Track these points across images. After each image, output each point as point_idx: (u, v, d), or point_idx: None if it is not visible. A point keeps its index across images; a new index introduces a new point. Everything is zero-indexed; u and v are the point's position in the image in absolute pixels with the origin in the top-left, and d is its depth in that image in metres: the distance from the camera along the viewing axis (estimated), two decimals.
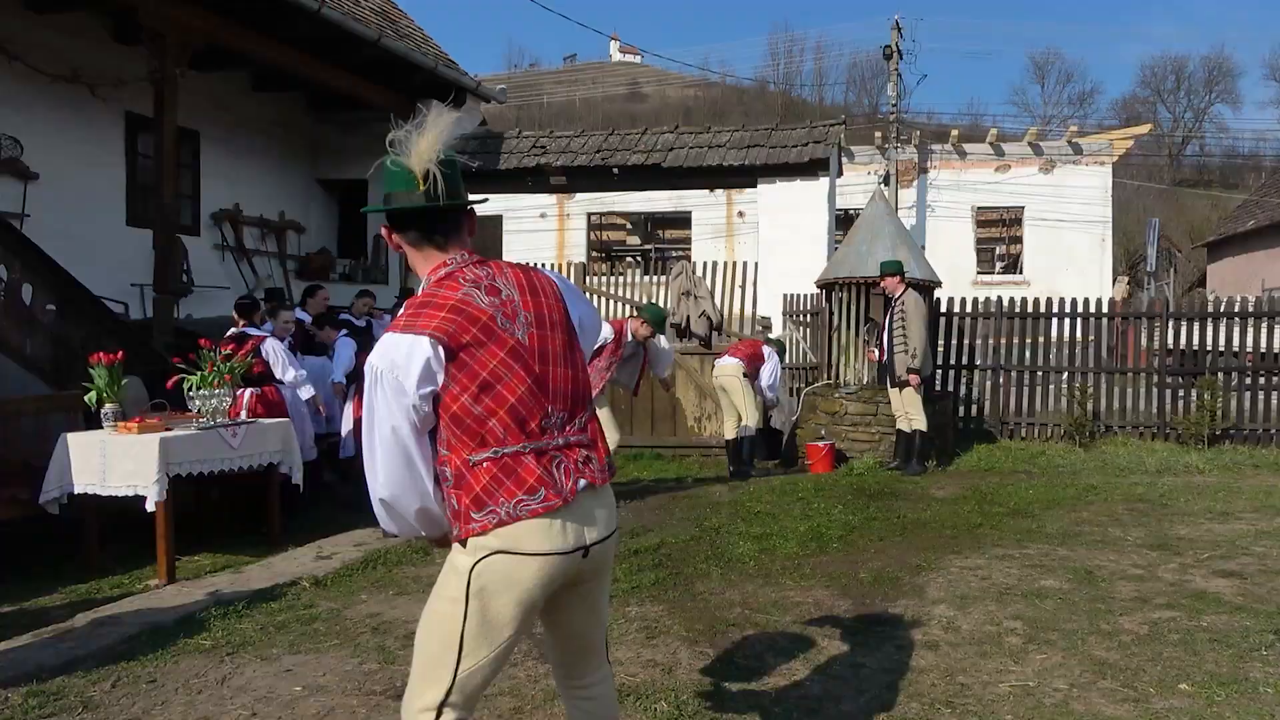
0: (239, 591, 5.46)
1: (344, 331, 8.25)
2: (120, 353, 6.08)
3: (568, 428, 2.30)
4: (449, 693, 2.24)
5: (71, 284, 7.23)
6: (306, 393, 7.47)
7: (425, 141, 2.22)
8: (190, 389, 6.17)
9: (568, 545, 2.24)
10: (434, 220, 2.29)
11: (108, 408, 5.95)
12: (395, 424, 2.17)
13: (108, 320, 7.56)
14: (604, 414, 7.62)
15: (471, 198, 2.39)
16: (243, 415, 6.80)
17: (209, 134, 11.01)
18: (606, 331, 7.61)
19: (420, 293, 2.29)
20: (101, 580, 5.73)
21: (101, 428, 5.94)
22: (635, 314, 8.75)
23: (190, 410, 6.25)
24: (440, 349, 2.15)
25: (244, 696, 3.97)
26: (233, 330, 7.35)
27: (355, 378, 8.33)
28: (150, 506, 5.60)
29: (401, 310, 2.27)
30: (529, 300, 2.31)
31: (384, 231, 2.36)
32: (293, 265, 12.44)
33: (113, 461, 5.67)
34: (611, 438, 7.73)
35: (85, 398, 6.05)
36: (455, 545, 2.26)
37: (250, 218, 11.68)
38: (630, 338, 7.87)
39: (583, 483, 2.26)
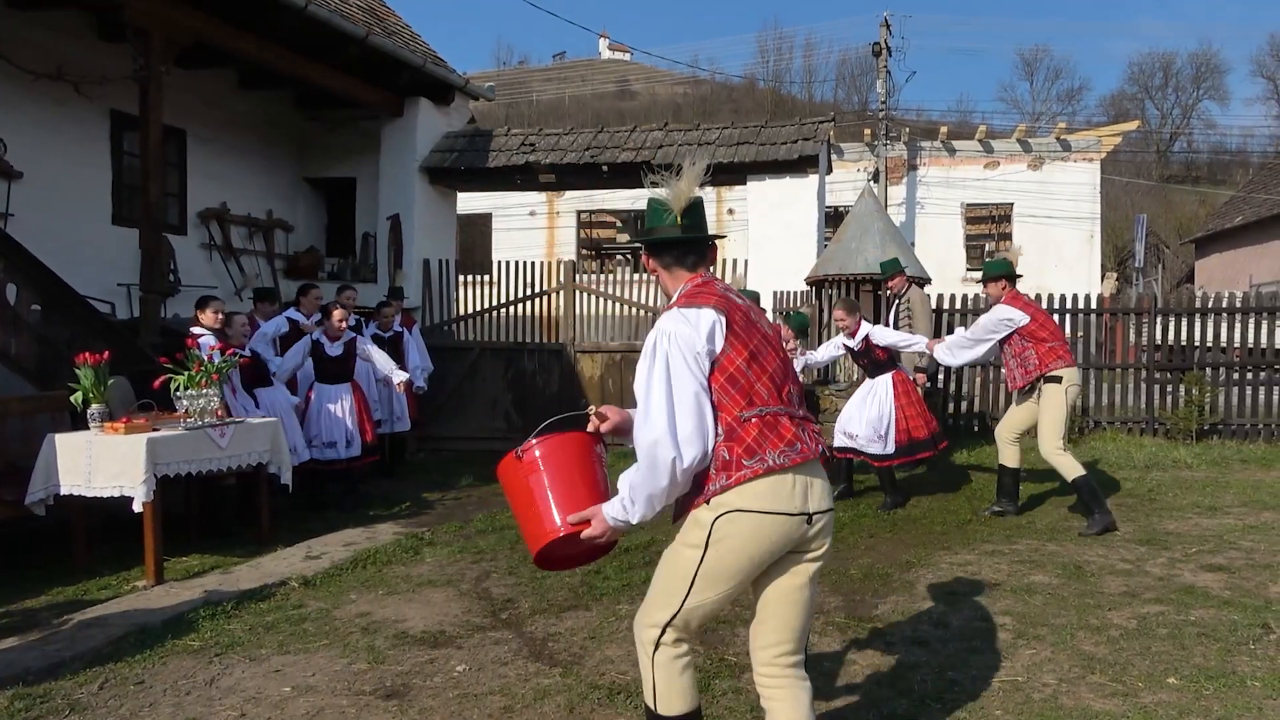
0: (227, 592, 5.45)
1: (317, 333, 8.13)
2: (106, 353, 6.04)
3: (802, 407, 2.73)
4: (674, 617, 2.63)
5: (57, 283, 7.18)
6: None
7: (682, 186, 2.73)
8: (177, 389, 6.13)
9: (794, 508, 2.57)
10: (686, 249, 2.77)
11: (94, 408, 5.91)
12: (688, 388, 2.53)
13: (94, 320, 7.51)
14: None
15: (706, 230, 2.85)
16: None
17: (195, 132, 10.95)
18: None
19: (681, 296, 2.71)
20: (88, 582, 5.70)
21: (88, 428, 5.90)
22: (780, 321, 8.70)
23: (177, 410, 6.21)
24: (723, 317, 2.59)
25: (233, 697, 3.96)
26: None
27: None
28: (137, 507, 5.57)
29: (674, 300, 2.71)
30: (759, 312, 2.82)
31: (643, 258, 2.86)
32: (281, 264, 12.38)
33: (99, 462, 5.64)
34: None
35: (71, 398, 6.00)
36: (699, 506, 2.59)
37: (238, 216, 11.62)
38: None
39: (821, 448, 2.68)
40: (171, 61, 8.32)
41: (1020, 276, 7.22)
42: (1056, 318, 11.18)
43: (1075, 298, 11.15)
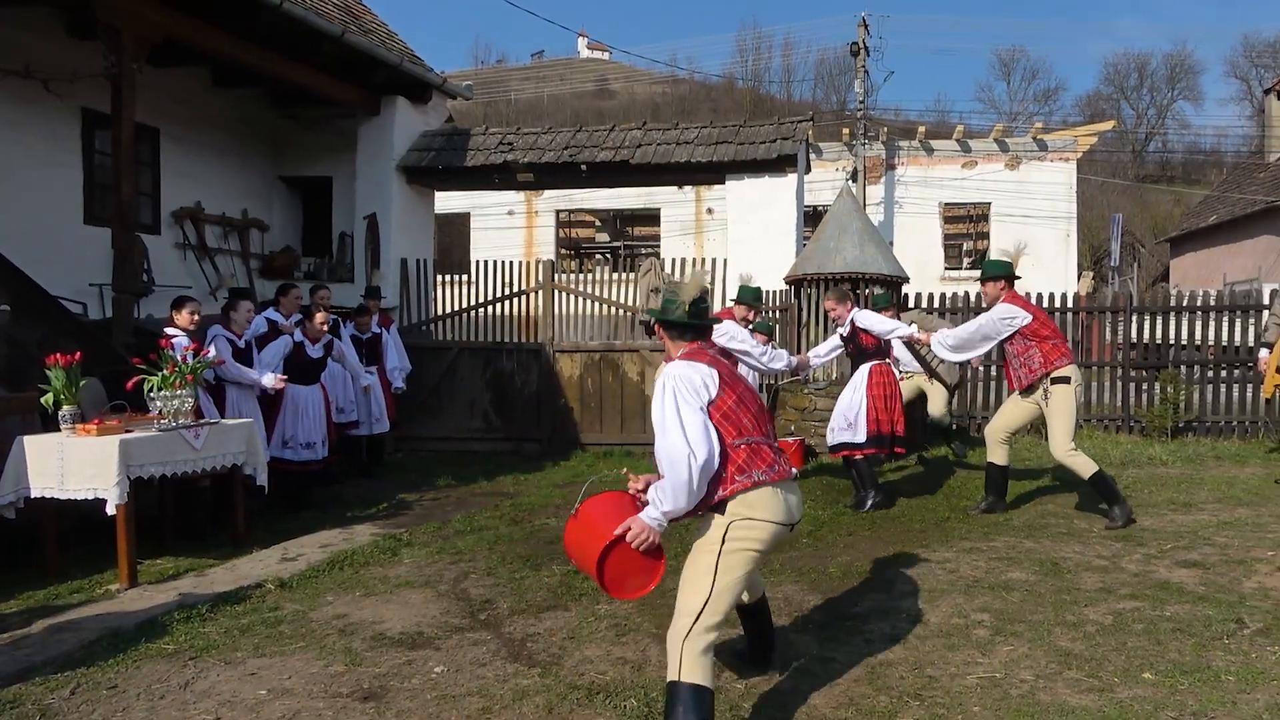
0: (202, 595, 5.39)
1: (298, 334, 8.10)
2: (78, 353, 5.95)
3: (774, 439, 3.55)
4: (705, 606, 3.30)
5: (27, 283, 7.08)
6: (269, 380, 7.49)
7: (689, 287, 3.59)
8: (150, 390, 6.06)
9: (786, 518, 3.41)
10: (686, 329, 3.59)
11: (65, 409, 5.82)
12: (693, 410, 3.30)
13: (65, 320, 7.41)
14: None
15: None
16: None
17: (169, 131, 10.83)
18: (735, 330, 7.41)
19: (682, 354, 3.52)
20: (60, 585, 5.61)
21: (59, 430, 5.82)
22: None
23: (151, 412, 6.14)
24: (715, 371, 3.42)
25: (207, 701, 3.92)
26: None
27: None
28: (111, 509, 5.50)
29: (676, 356, 3.52)
30: (735, 370, 3.62)
31: (656, 328, 3.74)
32: (256, 264, 12.27)
33: (71, 464, 5.56)
34: None
35: (42, 399, 5.91)
36: (715, 515, 3.37)
37: (212, 216, 11.50)
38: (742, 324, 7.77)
39: (793, 470, 3.53)
40: (143, 59, 8.21)
41: (1019, 278, 7.07)
42: None
43: (1052, 296, 11.23)
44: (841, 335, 7.71)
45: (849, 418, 7.53)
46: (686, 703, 3.21)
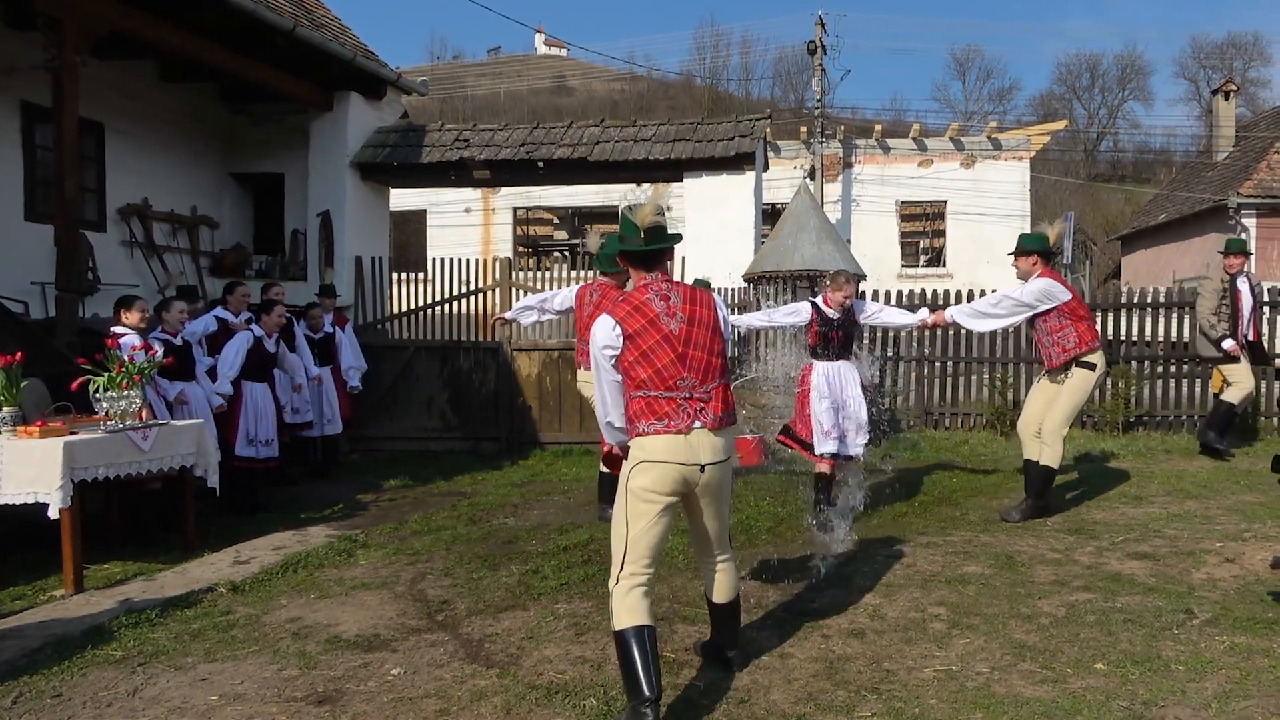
0: (151, 599, 5.28)
1: (258, 330, 7.99)
2: (19, 354, 5.79)
3: (695, 389, 3.60)
4: (625, 553, 3.55)
5: None
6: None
7: (646, 209, 3.65)
8: (96, 390, 5.91)
9: (685, 459, 3.54)
10: (645, 257, 3.70)
11: (6, 411, 5.66)
12: (604, 369, 3.64)
13: (5, 320, 7.22)
14: None
15: (662, 236, 3.72)
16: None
17: (114, 125, 10.58)
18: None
19: (623, 296, 3.72)
20: (1, 592, 5.46)
21: None
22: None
23: (97, 413, 5.99)
24: (619, 329, 3.59)
25: (156, 708, 3.83)
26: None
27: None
28: (54, 514, 5.35)
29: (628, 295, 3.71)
30: (689, 306, 3.67)
31: (619, 259, 3.95)
32: (206, 262, 12.04)
33: (11, 468, 5.40)
34: None
35: None
36: (623, 461, 3.69)
37: (160, 213, 11.26)
38: None
39: (697, 423, 3.58)
40: (86, 51, 8.01)
41: (1058, 254, 6.86)
42: None
43: None
44: (827, 317, 6.75)
45: (860, 421, 6.80)
46: (625, 646, 3.44)
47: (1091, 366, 6.61)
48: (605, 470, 4.20)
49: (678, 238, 3.86)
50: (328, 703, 3.84)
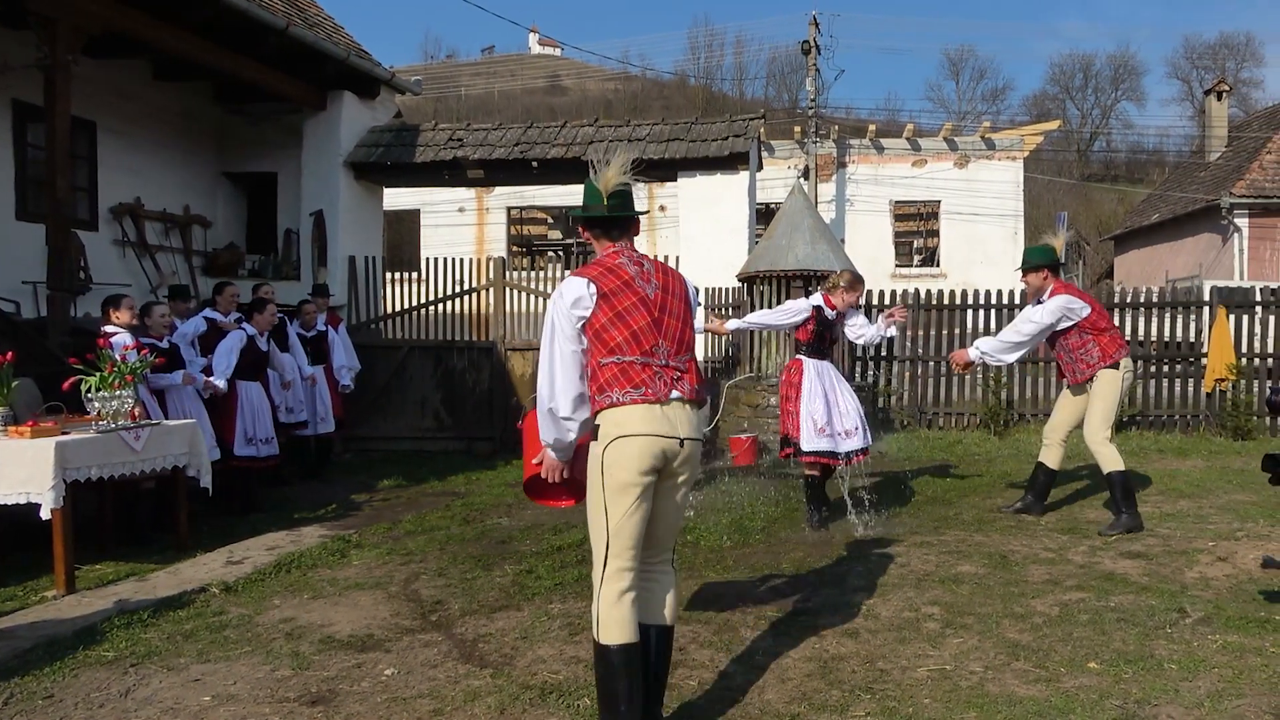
0: (144, 600, 5.26)
1: (250, 329, 7.98)
2: (10, 354, 5.77)
3: (670, 358, 3.31)
4: (608, 545, 3.21)
5: None
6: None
7: (610, 172, 3.36)
8: (88, 390, 5.89)
9: (664, 431, 3.20)
10: (610, 224, 3.42)
11: None
12: (562, 341, 3.24)
13: None
14: None
15: (630, 205, 3.46)
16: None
17: (107, 124, 10.54)
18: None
19: (595, 260, 3.41)
20: None
21: None
22: None
23: (89, 413, 5.97)
24: (593, 286, 3.25)
25: (149, 709, 3.82)
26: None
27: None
28: (45, 514, 5.33)
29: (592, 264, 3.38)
30: (661, 276, 3.40)
31: (580, 229, 3.53)
32: (199, 261, 12.01)
33: (2, 468, 5.36)
34: None
35: None
36: (592, 442, 3.26)
37: (152, 212, 11.22)
38: None
39: (675, 393, 3.27)
40: (79, 50, 7.98)
41: (1064, 265, 6.41)
42: (981, 313, 11.46)
43: (1000, 293, 11.40)
44: (825, 317, 6.71)
45: (861, 418, 6.73)
46: (608, 663, 3.19)
47: (1115, 365, 6.44)
48: (530, 497, 3.70)
49: (642, 211, 3.61)
50: (321, 703, 3.83)
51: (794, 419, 6.63)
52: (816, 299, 6.80)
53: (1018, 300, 11.43)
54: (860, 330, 6.87)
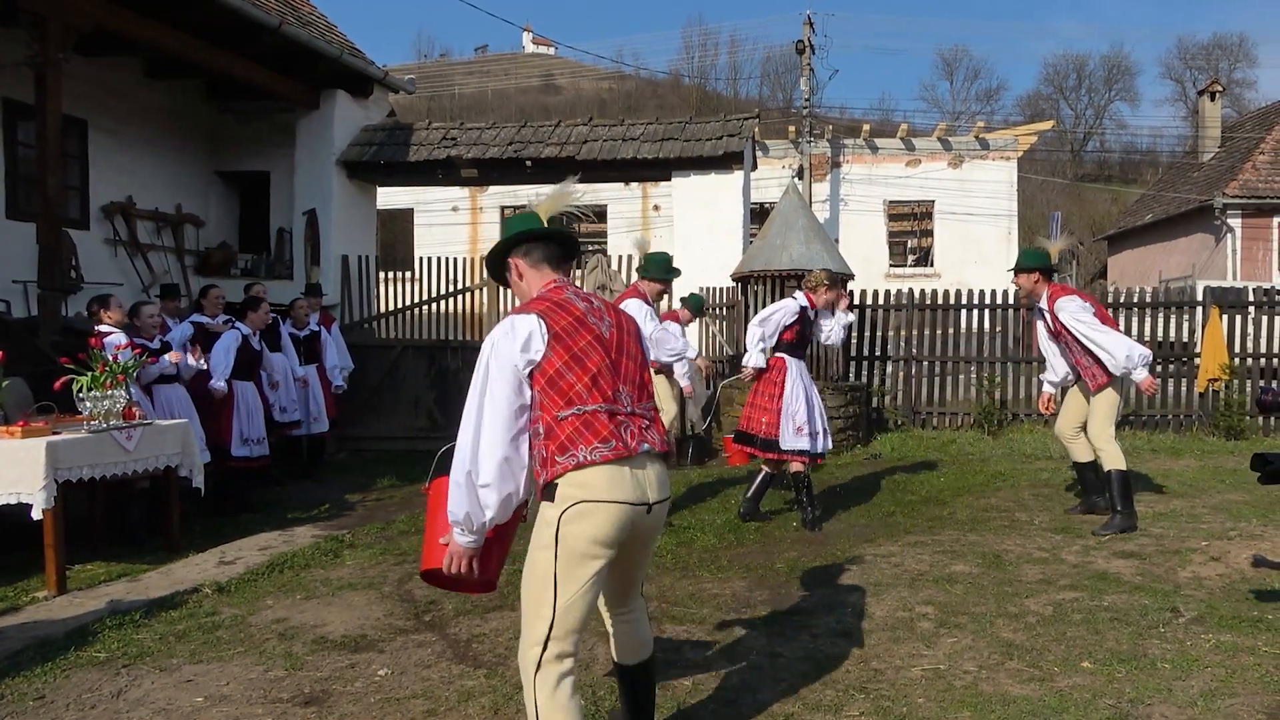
0: (136, 600, 5.24)
1: (245, 329, 7.96)
2: (1, 353, 5.74)
3: (634, 404, 2.89)
4: (551, 626, 2.73)
5: None
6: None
7: (549, 202, 3.10)
8: (80, 390, 5.86)
9: (633, 497, 2.77)
10: (555, 249, 3.04)
11: None
12: (501, 387, 2.74)
13: None
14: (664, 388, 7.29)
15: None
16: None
17: (98, 123, 10.49)
18: (676, 330, 7.45)
19: (534, 296, 2.95)
20: None
21: None
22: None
23: (80, 413, 5.94)
24: (544, 325, 2.78)
25: (141, 710, 3.80)
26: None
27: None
28: (36, 514, 5.30)
29: (519, 305, 2.93)
30: (613, 313, 3.01)
31: (512, 264, 3.04)
32: (191, 260, 11.96)
33: None
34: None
35: None
36: (544, 503, 2.78)
37: (144, 211, 11.17)
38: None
39: (645, 445, 2.84)
40: (70, 48, 7.95)
41: (1057, 269, 6.43)
42: (975, 313, 11.48)
43: (994, 293, 11.41)
44: (809, 316, 6.78)
45: (809, 422, 6.67)
46: None
47: None
48: (428, 582, 3.18)
49: (581, 247, 3.30)
50: (314, 704, 3.82)
51: (772, 416, 6.63)
52: (801, 298, 6.82)
53: (1011, 300, 11.45)
54: (828, 332, 6.93)
